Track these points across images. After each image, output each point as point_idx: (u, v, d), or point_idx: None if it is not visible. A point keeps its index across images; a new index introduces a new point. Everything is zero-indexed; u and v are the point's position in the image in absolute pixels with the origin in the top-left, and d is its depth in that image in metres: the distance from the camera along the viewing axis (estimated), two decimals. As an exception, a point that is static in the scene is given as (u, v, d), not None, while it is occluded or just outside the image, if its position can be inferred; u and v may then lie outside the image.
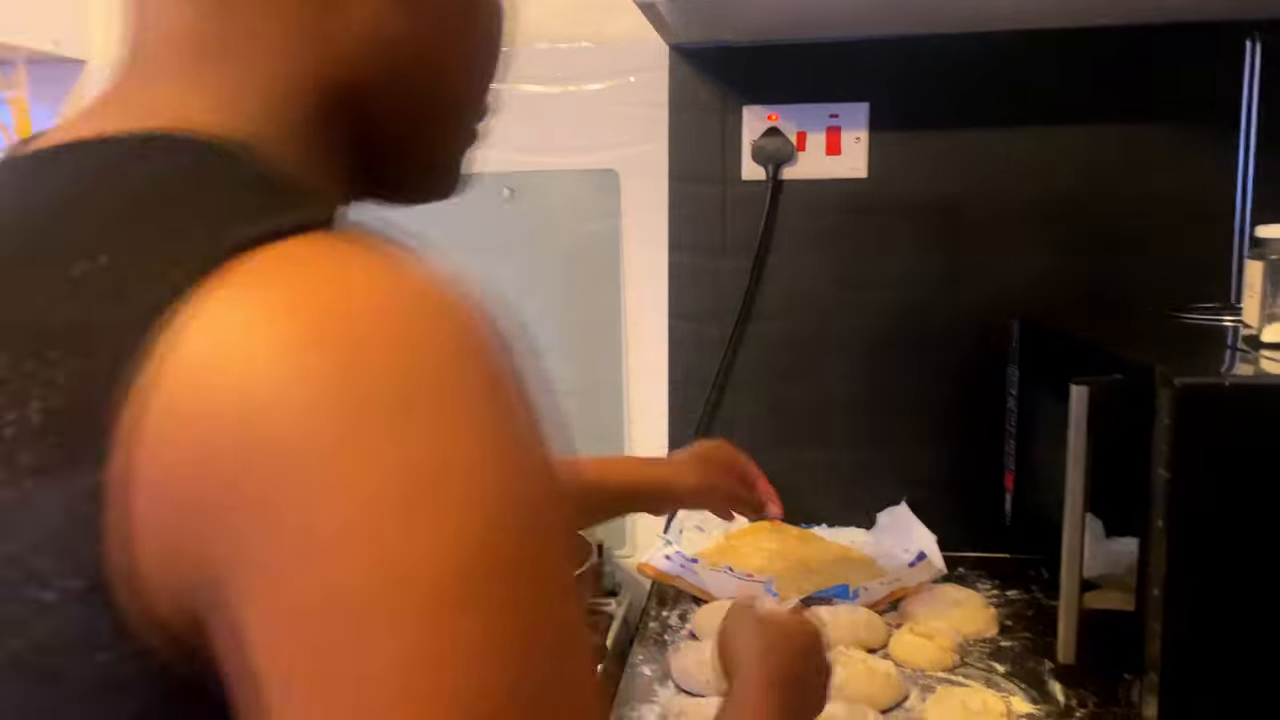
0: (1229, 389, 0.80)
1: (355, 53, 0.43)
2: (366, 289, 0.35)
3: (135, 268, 0.35)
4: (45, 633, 0.34)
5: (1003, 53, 1.27)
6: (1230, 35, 1.20)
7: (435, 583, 0.32)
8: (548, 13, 1.39)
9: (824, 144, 1.34)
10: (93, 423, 0.33)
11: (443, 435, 0.33)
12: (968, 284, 1.32)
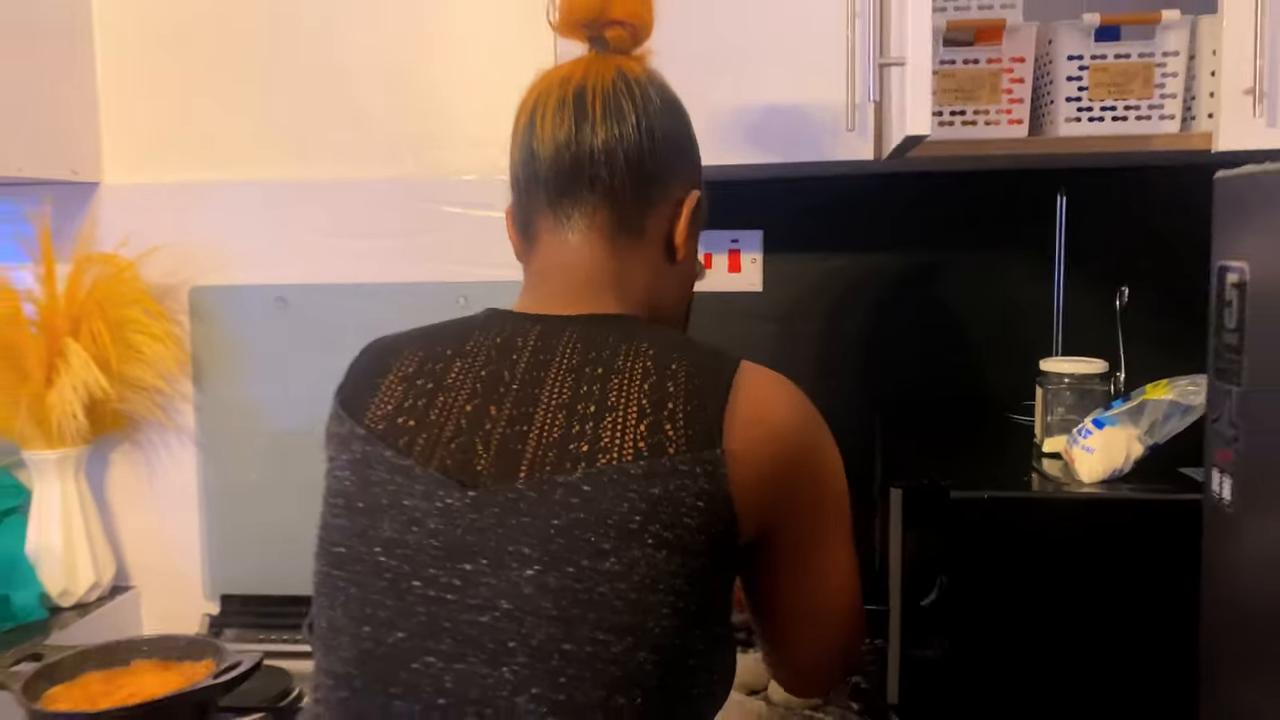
0: (951, 499, 1.07)
1: (663, 290, 0.93)
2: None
3: (699, 365, 0.80)
4: (686, 528, 0.75)
5: (869, 191, 1.54)
6: (1046, 183, 1.48)
7: (846, 512, 0.86)
8: (503, 153, 1.64)
9: (727, 263, 1.60)
10: (711, 426, 0.76)
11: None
12: (845, 379, 1.58)
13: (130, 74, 1.69)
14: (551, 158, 0.88)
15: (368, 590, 0.78)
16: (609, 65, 0.90)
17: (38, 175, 1.56)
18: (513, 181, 0.94)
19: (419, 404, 0.83)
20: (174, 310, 1.68)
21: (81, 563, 1.65)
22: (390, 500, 0.80)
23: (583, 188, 0.88)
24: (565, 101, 0.88)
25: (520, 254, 0.95)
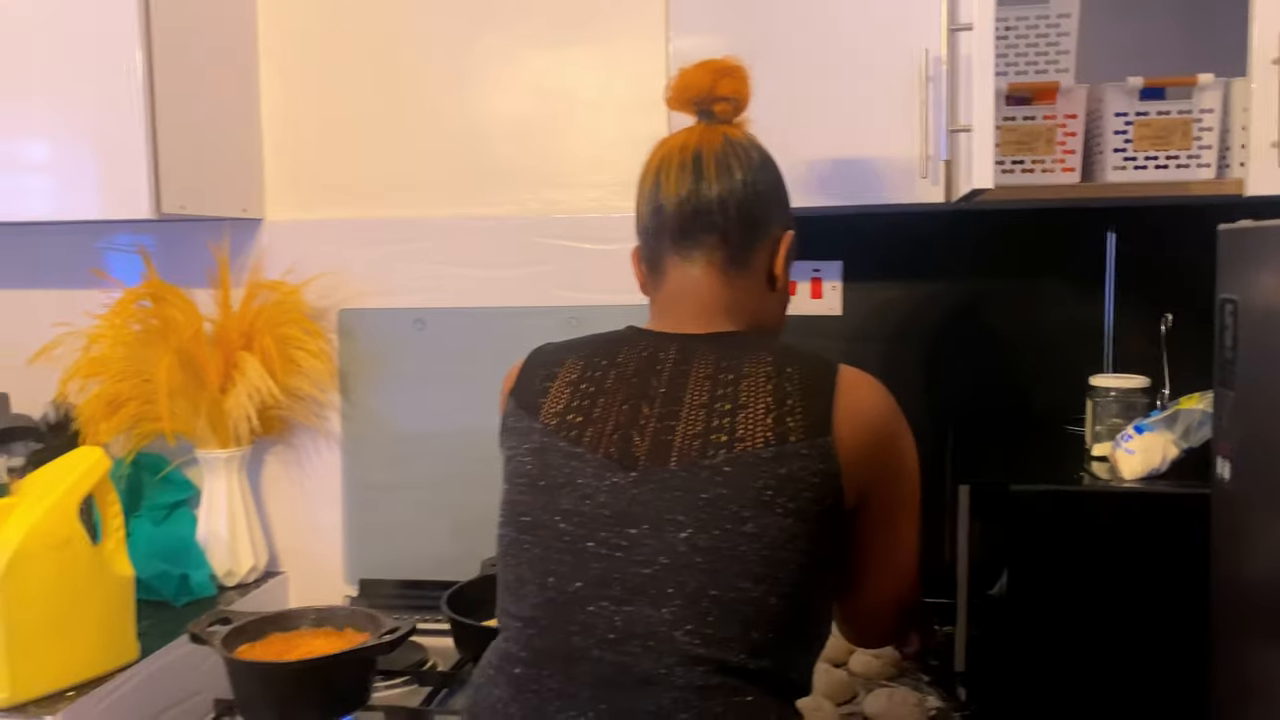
0: (1012, 493, 1.25)
1: (766, 312, 1.15)
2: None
3: (809, 369, 1.01)
4: (806, 500, 0.95)
5: (939, 226, 1.74)
6: (1097, 221, 1.66)
7: (918, 490, 1.07)
8: (610, 194, 1.87)
9: (810, 290, 1.80)
10: (823, 418, 0.98)
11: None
12: (915, 394, 1.77)
13: (290, 126, 1.95)
14: (676, 209, 1.10)
15: (550, 550, 1.00)
16: (717, 133, 1.13)
17: (216, 213, 1.83)
18: (641, 229, 1.15)
19: (584, 404, 1.04)
20: (326, 329, 1.93)
21: (242, 548, 1.90)
22: (566, 479, 1.01)
23: (702, 231, 1.10)
24: (685, 164, 1.11)
25: (645, 286, 1.18)
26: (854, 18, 1.42)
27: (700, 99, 1.14)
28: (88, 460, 1.51)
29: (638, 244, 1.17)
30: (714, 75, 1.13)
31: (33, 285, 2.03)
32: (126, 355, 1.81)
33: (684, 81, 1.14)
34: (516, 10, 1.87)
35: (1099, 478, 1.32)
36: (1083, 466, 1.38)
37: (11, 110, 1.69)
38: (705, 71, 1.13)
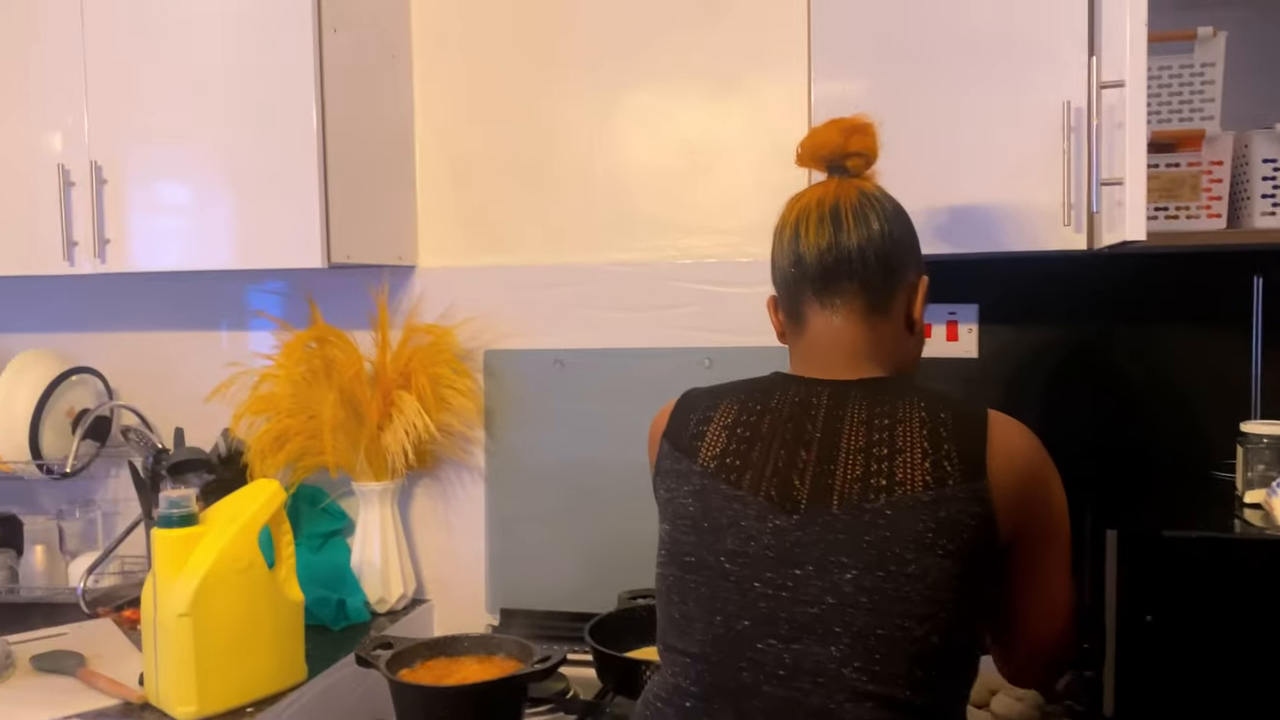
0: (1163, 539, 1.25)
1: (905, 355, 1.20)
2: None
3: (961, 413, 1.06)
4: (964, 541, 1.00)
5: (1077, 269, 1.74)
6: (1244, 266, 1.65)
7: (1068, 529, 1.12)
8: (744, 239, 1.93)
9: (945, 333, 1.83)
10: (978, 462, 1.02)
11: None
12: (1054, 437, 1.77)
13: (442, 179, 2.07)
14: (817, 259, 1.15)
15: (717, 589, 1.05)
16: (851, 187, 1.18)
17: (375, 261, 1.96)
18: (779, 279, 1.20)
19: (741, 448, 1.10)
20: (473, 369, 2.04)
21: (393, 576, 2.01)
22: (729, 521, 1.06)
23: (844, 279, 1.15)
24: (824, 217, 1.16)
25: (785, 335, 1.23)
26: (994, 68, 1.46)
27: (832, 156, 1.20)
28: (266, 491, 1.63)
29: (774, 294, 1.23)
30: (845, 133, 1.18)
31: (207, 327, 2.19)
32: (293, 394, 1.94)
33: (816, 140, 1.20)
34: (659, 65, 1.96)
35: (1252, 525, 1.32)
36: (1234, 513, 1.37)
37: (199, 172, 1.85)
38: (837, 130, 1.19)
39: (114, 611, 1.95)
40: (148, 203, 1.87)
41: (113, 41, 1.86)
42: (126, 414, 2.20)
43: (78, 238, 1.89)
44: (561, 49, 2.00)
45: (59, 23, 1.87)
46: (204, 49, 1.81)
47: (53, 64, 1.88)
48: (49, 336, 2.27)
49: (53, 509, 2.23)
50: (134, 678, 1.63)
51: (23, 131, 1.92)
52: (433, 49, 2.06)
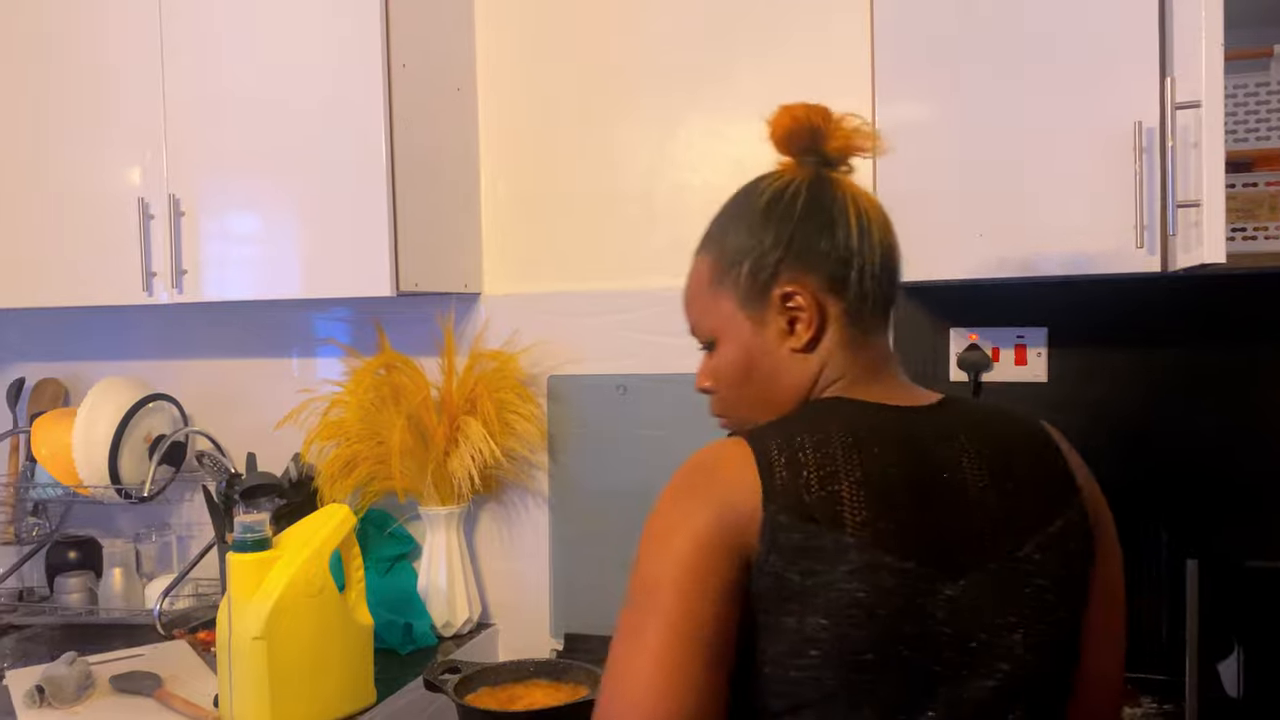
0: (1246, 569, 1.21)
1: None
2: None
3: (1031, 429, 0.99)
4: (1085, 569, 0.95)
5: (1148, 291, 1.71)
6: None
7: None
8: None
9: (1014, 357, 1.80)
10: (1069, 478, 0.96)
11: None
12: (1126, 465, 1.73)
13: (506, 207, 2.10)
14: (883, 265, 0.98)
15: (897, 688, 0.88)
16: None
17: (441, 289, 1.99)
18: (843, 271, 0.97)
19: (885, 506, 0.88)
20: (536, 394, 2.05)
21: (459, 601, 2.02)
22: (905, 600, 0.87)
23: (896, 292, 1.02)
24: (886, 221, 1.01)
25: (819, 341, 0.97)
26: (1063, 88, 1.44)
27: (831, 146, 1.03)
28: (337, 516, 1.65)
29: (805, 281, 0.97)
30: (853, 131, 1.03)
31: (279, 355, 2.25)
32: (362, 419, 1.97)
33: (849, 123, 1.04)
34: (718, 92, 1.97)
35: (1341, 555, 1.28)
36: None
37: (272, 203, 1.90)
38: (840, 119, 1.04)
39: (189, 633, 2.00)
40: (222, 234, 1.93)
41: (189, 79, 1.92)
42: (201, 440, 2.26)
43: (156, 269, 1.95)
44: (621, 79, 2.03)
45: (138, 62, 1.94)
46: (277, 84, 1.86)
47: (132, 101, 1.95)
48: (127, 364, 2.34)
49: (130, 532, 2.29)
50: (208, 699, 1.66)
51: (104, 167, 1.99)
52: (496, 81, 2.09)
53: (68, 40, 2.00)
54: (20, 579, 2.31)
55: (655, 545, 0.89)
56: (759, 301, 0.98)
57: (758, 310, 0.98)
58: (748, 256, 0.98)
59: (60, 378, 2.41)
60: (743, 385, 1.00)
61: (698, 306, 1.04)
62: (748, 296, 0.98)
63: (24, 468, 2.32)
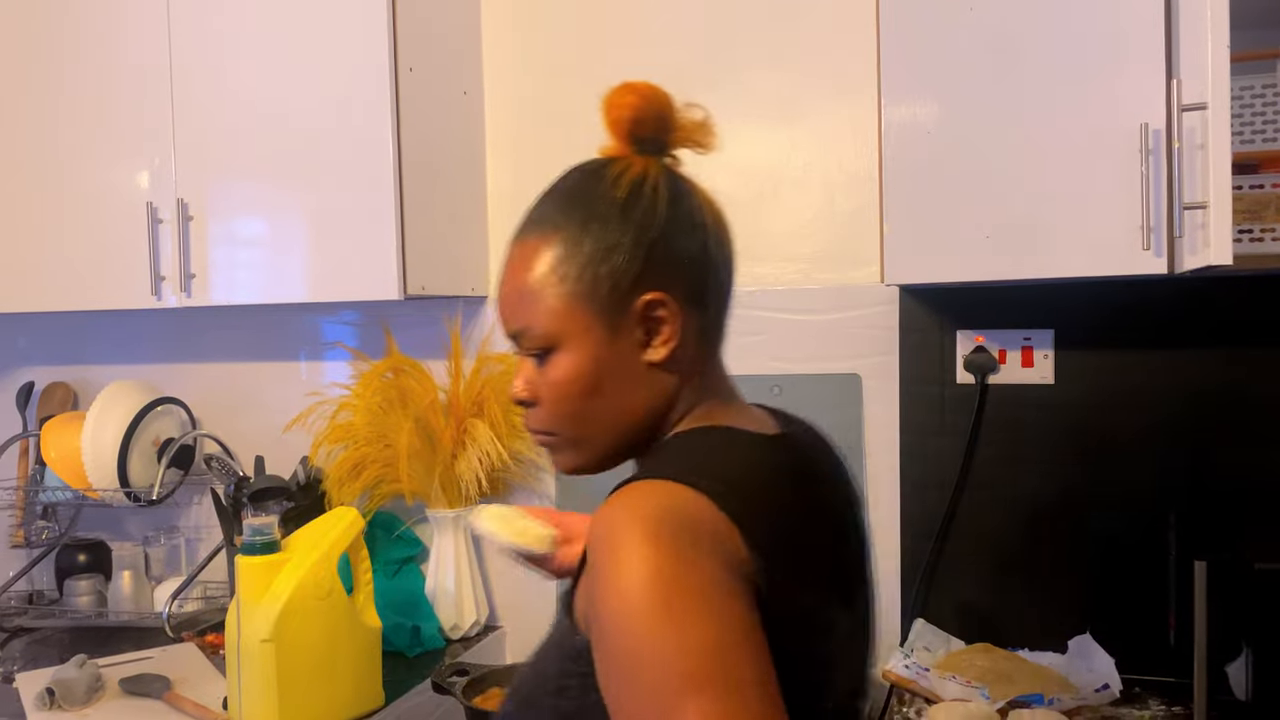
0: (1256, 571, 1.21)
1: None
2: None
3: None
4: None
5: (1154, 292, 1.71)
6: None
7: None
8: (812, 266, 1.93)
9: (1020, 359, 1.80)
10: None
11: None
12: (1133, 465, 1.74)
13: (513, 212, 2.10)
14: (731, 273, 0.94)
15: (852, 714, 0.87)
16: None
17: (448, 292, 1.99)
18: (714, 280, 0.91)
19: (831, 554, 0.86)
20: (544, 398, 2.05)
21: (466, 603, 2.03)
22: (845, 662, 0.87)
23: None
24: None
25: (679, 358, 0.88)
26: (1068, 91, 1.44)
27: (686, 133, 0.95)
28: (345, 519, 1.66)
29: (667, 291, 0.87)
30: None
31: (287, 358, 2.25)
32: (369, 422, 1.98)
33: (696, 114, 0.97)
34: (726, 94, 1.98)
35: (1351, 557, 1.27)
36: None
37: (280, 207, 1.90)
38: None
39: (197, 636, 2.00)
40: (230, 238, 1.94)
41: (198, 83, 1.93)
42: (209, 443, 2.27)
43: (165, 273, 1.96)
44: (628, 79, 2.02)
45: (147, 67, 1.95)
46: (285, 89, 1.87)
47: (142, 107, 1.96)
48: (136, 368, 2.35)
49: (139, 535, 2.30)
50: (217, 701, 1.67)
51: (113, 171, 2.00)
52: (503, 84, 2.10)
53: (77, 45, 2.01)
54: (30, 582, 2.32)
55: (678, 620, 0.71)
56: (617, 308, 0.86)
57: (615, 317, 0.86)
58: (607, 257, 0.86)
59: (69, 381, 2.42)
60: (587, 399, 0.87)
61: (533, 306, 0.87)
62: (605, 302, 0.86)
63: (33, 471, 2.33)
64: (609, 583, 0.73)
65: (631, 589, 0.72)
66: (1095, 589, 1.75)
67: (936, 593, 1.84)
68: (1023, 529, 1.80)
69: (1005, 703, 1.52)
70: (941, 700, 1.59)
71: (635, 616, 0.71)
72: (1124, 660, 1.64)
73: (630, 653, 0.71)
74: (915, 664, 1.68)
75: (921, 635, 1.77)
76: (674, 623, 0.71)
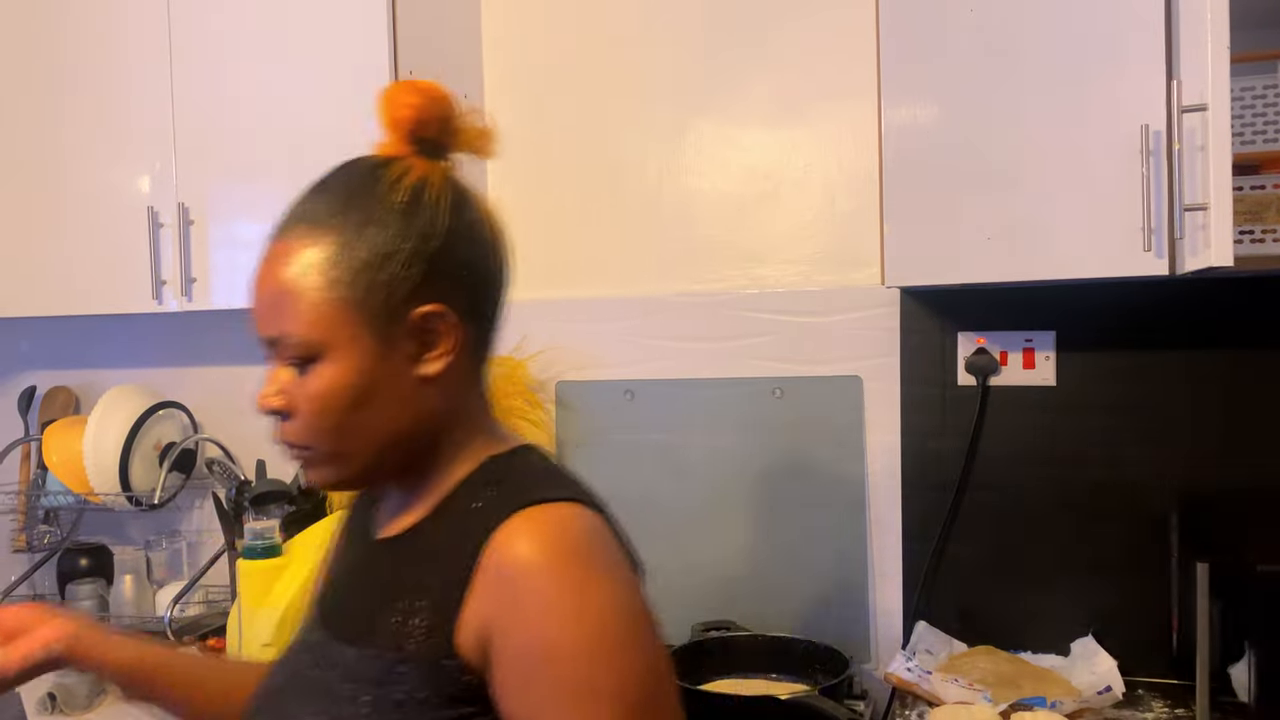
0: (1258, 572, 1.20)
1: None
2: None
3: None
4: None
5: (1157, 293, 1.70)
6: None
7: None
8: (813, 268, 1.93)
9: (1021, 360, 1.80)
10: None
11: None
12: (1135, 467, 1.73)
13: (515, 214, 2.09)
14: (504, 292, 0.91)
15: None
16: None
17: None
18: (493, 293, 0.89)
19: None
20: (545, 400, 2.06)
21: (468, 606, 2.02)
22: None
23: None
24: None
25: (454, 373, 0.86)
26: (1070, 92, 1.44)
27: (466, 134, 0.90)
28: (346, 523, 1.66)
29: (450, 305, 0.85)
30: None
31: (288, 362, 2.25)
32: (370, 426, 1.97)
33: (476, 119, 0.92)
34: (726, 96, 1.98)
35: (1353, 558, 1.27)
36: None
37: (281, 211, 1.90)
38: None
39: (199, 640, 2.00)
40: (231, 242, 1.94)
41: (198, 88, 1.93)
42: (211, 447, 2.27)
43: (166, 277, 1.96)
44: (628, 84, 2.03)
45: (148, 71, 1.95)
46: (284, 93, 1.87)
47: (142, 110, 1.97)
48: (137, 372, 2.35)
49: (141, 539, 2.30)
50: (219, 706, 1.66)
51: (114, 176, 2.00)
52: (503, 89, 2.10)
53: (78, 50, 2.01)
54: (32, 586, 2.32)
55: (630, 642, 0.77)
56: (391, 319, 0.82)
57: (387, 328, 0.82)
58: (384, 264, 0.82)
59: (71, 386, 2.42)
60: (350, 413, 0.82)
61: (294, 310, 0.82)
62: (378, 311, 0.82)
63: (35, 476, 2.33)
64: (559, 613, 0.74)
65: (590, 617, 0.74)
66: (1098, 591, 1.75)
67: (938, 595, 1.84)
68: (1025, 531, 1.79)
69: (1008, 705, 1.52)
70: (944, 703, 1.59)
71: (602, 642, 0.74)
72: (1126, 662, 1.64)
73: (591, 682, 0.74)
74: (917, 667, 1.68)
75: (923, 638, 1.77)
76: (637, 647, 0.76)
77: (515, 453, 0.89)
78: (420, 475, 0.88)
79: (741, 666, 1.80)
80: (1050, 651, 1.76)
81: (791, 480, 1.92)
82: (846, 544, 1.90)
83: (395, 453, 0.85)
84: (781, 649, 1.81)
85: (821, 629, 1.85)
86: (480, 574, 0.77)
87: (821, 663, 1.75)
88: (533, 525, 0.78)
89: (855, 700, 1.78)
